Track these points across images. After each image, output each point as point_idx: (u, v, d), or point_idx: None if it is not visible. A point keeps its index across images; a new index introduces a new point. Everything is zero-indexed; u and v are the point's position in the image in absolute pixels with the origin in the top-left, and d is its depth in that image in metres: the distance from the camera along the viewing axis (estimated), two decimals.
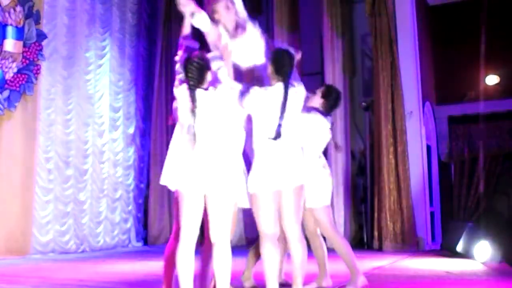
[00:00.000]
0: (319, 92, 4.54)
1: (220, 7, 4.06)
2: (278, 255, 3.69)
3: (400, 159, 8.83)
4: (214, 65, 3.68)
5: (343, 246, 4.34)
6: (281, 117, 3.60)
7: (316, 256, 4.60)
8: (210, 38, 4.01)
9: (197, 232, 3.57)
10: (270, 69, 3.76)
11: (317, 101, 4.53)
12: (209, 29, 3.97)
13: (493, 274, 5.93)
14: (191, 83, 3.49)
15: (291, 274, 3.76)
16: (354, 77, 10.13)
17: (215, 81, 3.61)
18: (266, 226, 3.66)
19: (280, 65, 3.70)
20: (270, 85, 3.75)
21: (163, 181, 3.69)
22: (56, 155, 8.71)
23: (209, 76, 3.56)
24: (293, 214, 3.74)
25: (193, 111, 3.45)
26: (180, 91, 3.56)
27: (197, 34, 4.03)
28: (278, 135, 3.59)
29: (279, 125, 3.58)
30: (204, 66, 3.53)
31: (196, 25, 3.97)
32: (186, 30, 3.93)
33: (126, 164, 10.11)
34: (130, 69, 10.34)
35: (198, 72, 3.49)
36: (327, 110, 4.59)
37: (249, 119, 3.82)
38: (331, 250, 4.63)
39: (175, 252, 3.54)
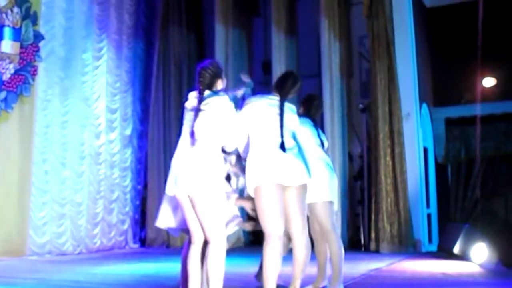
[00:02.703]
0: (301, 102, 4.71)
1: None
2: (280, 257, 3.66)
3: (397, 161, 8.84)
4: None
5: (337, 248, 4.33)
6: (281, 132, 3.73)
7: (318, 258, 4.58)
8: None
9: (200, 232, 3.60)
10: (274, 84, 4.06)
11: (300, 108, 4.68)
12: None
13: (490, 276, 5.94)
14: (202, 87, 3.67)
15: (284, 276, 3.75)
16: (351, 79, 10.13)
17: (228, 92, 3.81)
18: (271, 225, 3.61)
19: (281, 84, 3.97)
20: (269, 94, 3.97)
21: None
22: (52, 157, 8.69)
23: (219, 85, 3.74)
24: (298, 213, 3.74)
25: (197, 111, 3.57)
26: (190, 96, 3.72)
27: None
28: (283, 150, 3.70)
29: (282, 142, 3.70)
30: (217, 74, 3.72)
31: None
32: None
33: (123, 166, 10.10)
34: (127, 71, 10.33)
35: (210, 79, 3.69)
36: (309, 116, 4.67)
37: None
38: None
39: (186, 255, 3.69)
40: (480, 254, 6.79)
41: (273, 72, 9.73)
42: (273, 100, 3.88)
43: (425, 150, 9.91)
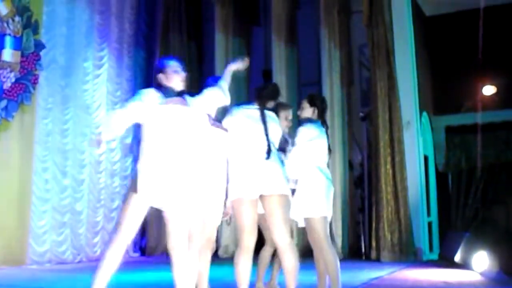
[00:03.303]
0: (305, 103, 4.60)
1: None
2: (250, 267, 3.80)
3: (398, 169, 8.84)
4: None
5: (333, 261, 4.32)
6: (267, 137, 3.85)
7: (316, 266, 4.57)
8: None
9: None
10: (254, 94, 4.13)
11: (308, 111, 4.59)
12: None
13: (491, 284, 5.92)
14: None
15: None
16: (351, 87, 10.15)
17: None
18: (242, 237, 3.78)
19: (259, 94, 4.05)
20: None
21: None
22: (53, 165, 8.69)
23: (162, 81, 3.82)
24: (282, 222, 3.78)
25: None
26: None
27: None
28: (268, 155, 3.81)
29: (269, 146, 3.82)
30: (156, 71, 3.82)
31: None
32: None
33: (123, 174, 10.08)
34: (128, 79, 10.34)
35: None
36: (320, 116, 4.63)
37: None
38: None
39: None
40: (481, 262, 6.78)
41: (273, 81, 9.74)
42: (252, 109, 3.97)
43: (426, 158, 9.91)
